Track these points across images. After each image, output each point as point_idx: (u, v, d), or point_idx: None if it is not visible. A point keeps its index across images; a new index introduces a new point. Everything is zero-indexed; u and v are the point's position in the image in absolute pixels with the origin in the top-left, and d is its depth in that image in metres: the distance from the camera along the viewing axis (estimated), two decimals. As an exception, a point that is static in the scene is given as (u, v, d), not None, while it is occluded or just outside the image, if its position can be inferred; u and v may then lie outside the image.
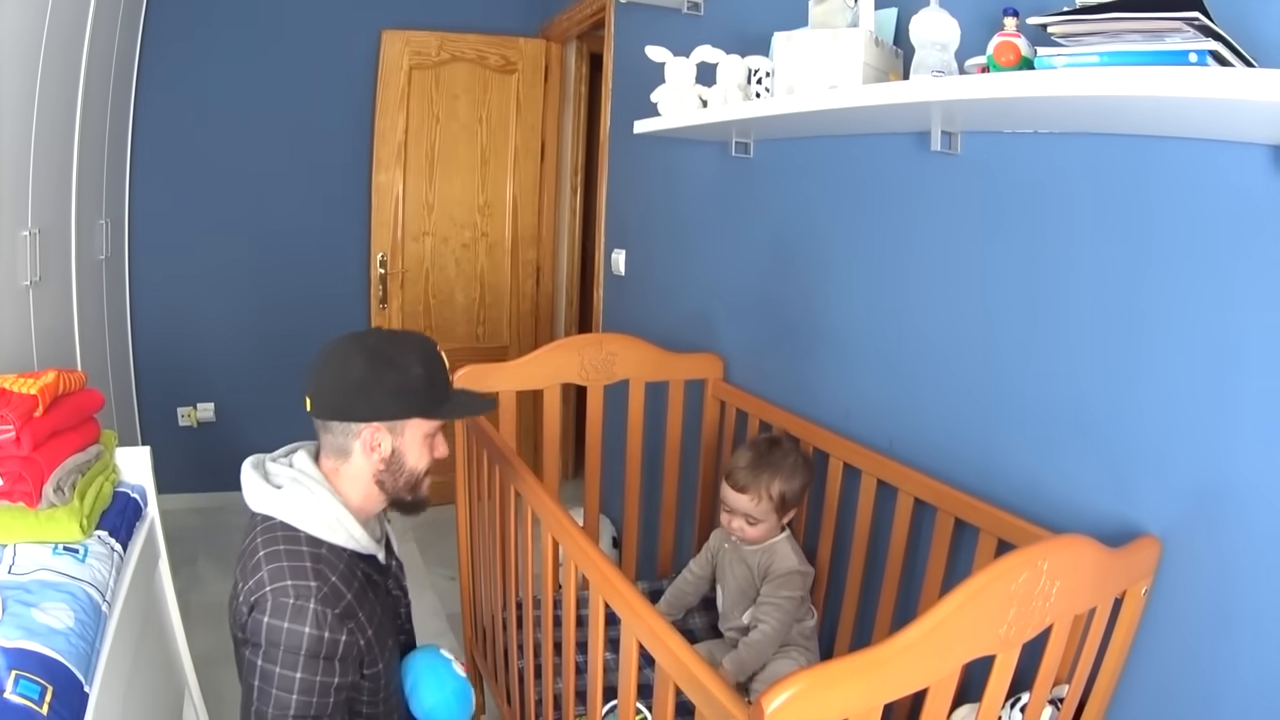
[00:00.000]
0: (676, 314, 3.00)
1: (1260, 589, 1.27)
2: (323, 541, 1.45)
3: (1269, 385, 1.24)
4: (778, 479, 1.99)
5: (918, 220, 1.91)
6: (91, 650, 1.45)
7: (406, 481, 1.57)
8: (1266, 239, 1.23)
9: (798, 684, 0.90)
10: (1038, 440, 1.63)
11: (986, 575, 1.04)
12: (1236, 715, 1.30)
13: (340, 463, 1.53)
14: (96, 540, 1.73)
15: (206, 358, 3.98)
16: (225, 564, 3.52)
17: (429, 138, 4.01)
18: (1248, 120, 1.14)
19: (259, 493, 1.48)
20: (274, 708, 1.35)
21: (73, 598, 1.51)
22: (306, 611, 1.35)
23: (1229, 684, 1.31)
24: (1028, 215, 1.63)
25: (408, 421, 1.52)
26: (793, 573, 1.99)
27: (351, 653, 1.42)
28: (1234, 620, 1.30)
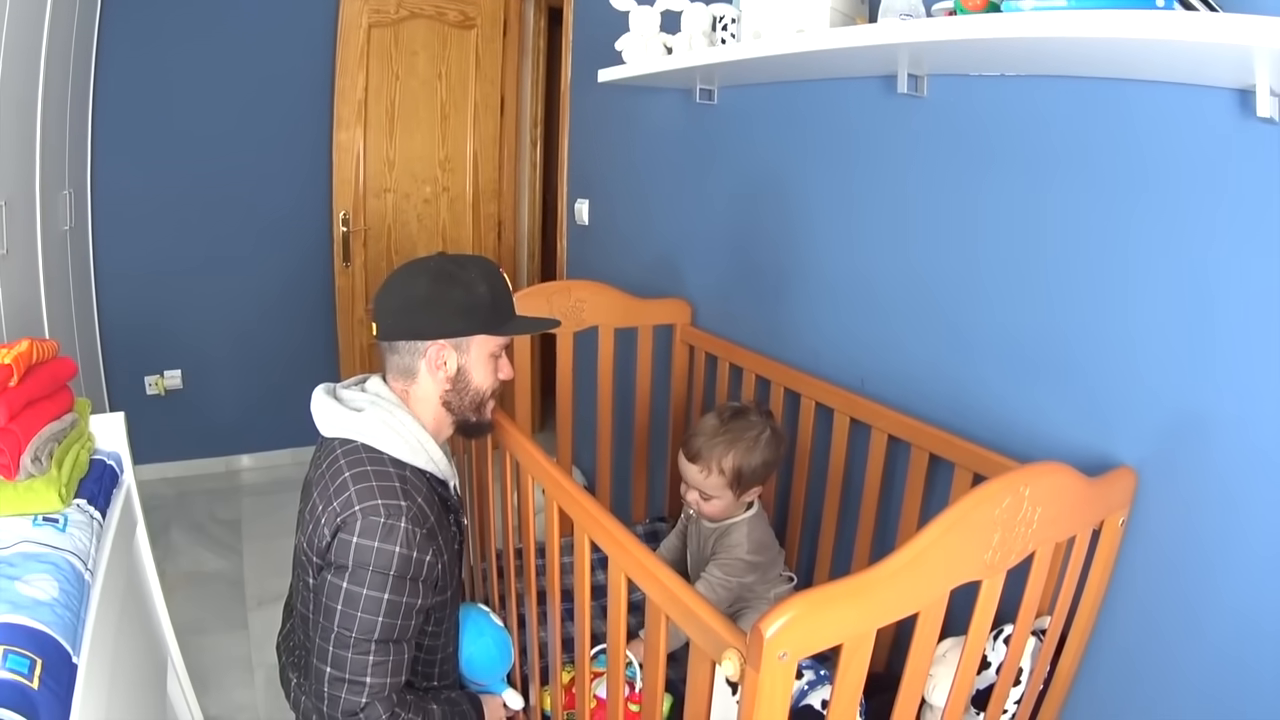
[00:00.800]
0: (642, 261, 3.02)
1: (1235, 515, 1.32)
2: (406, 464, 1.48)
3: (1241, 319, 1.28)
4: (733, 452, 1.84)
5: (885, 162, 1.94)
6: (77, 620, 1.43)
7: (472, 401, 1.61)
8: (1235, 179, 1.26)
9: (794, 608, 0.92)
10: (1011, 376, 1.67)
11: (971, 500, 1.08)
12: (1220, 639, 1.36)
13: (408, 384, 1.57)
14: (76, 509, 1.70)
15: (171, 325, 3.93)
16: (199, 533, 3.53)
17: (389, 95, 3.97)
18: (1214, 64, 1.17)
19: (336, 416, 1.52)
20: (357, 630, 1.37)
21: (55, 568, 1.48)
22: (397, 531, 1.38)
23: (1210, 608, 1.37)
24: (996, 156, 1.66)
25: (473, 339, 1.56)
26: (736, 561, 1.88)
27: (433, 575, 1.45)
28: (1212, 546, 1.35)
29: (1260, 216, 1.24)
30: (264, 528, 3.64)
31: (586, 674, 1.60)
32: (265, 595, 3.11)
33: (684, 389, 2.69)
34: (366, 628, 1.37)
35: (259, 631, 2.89)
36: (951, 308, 1.81)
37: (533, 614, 1.81)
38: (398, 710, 1.41)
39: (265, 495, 4.00)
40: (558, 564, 1.63)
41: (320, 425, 1.54)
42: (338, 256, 4.01)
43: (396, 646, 1.41)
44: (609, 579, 1.36)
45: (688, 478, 1.91)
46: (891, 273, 1.96)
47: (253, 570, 3.30)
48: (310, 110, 3.92)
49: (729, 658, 1.00)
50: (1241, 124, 1.24)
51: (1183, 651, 1.42)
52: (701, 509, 1.93)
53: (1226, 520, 1.33)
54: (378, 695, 1.38)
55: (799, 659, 0.95)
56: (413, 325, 1.53)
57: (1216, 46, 1.06)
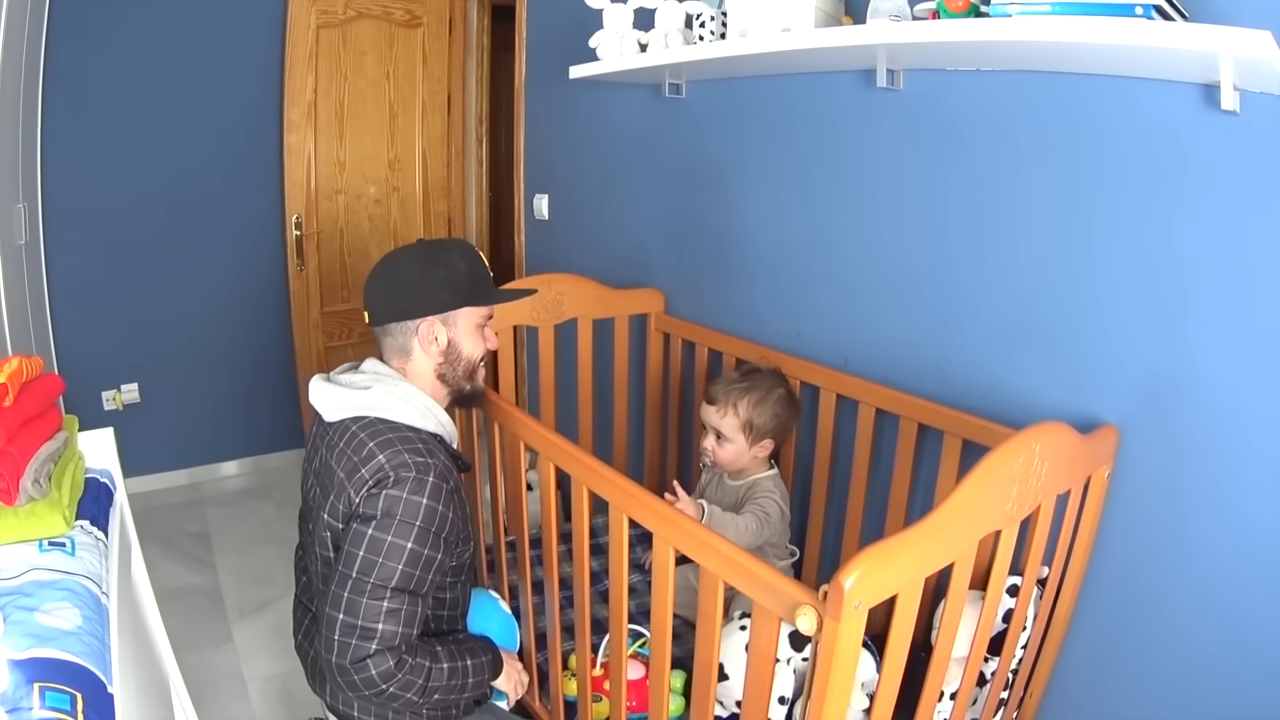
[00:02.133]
0: (609, 253, 3.09)
1: (1209, 467, 1.47)
2: (419, 429, 1.57)
3: (1211, 288, 1.43)
4: (748, 398, 2.03)
5: (861, 151, 2.05)
6: (104, 647, 1.37)
7: (465, 370, 1.71)
8: (1202, 162, 1.41)
9: (866, 560, 1.03)
10: (994, 347, 1.80)
11: (997, 456, 1.21)
12: (1198, 581, 1.51)
13: (404, 363, 1.67)
14: (80, 530, 1.64)
15: (127, 337, 3.88)
16: (168, 548, 3.48)
17: (338, 96, 3.96)
18: (1184, 64, 1.32)
19: (343, 398, 1.59)
20: (376, 575, 1.41)
21: (73, 594, 1.42)
22: (426, 484, 1.46)
23: (1189, 553, 1.52)
24: (974, 144, 1.78)
25: (459, 311, 1.66)
26: (772, 507, 2.03)
27: (455, 532, 1.53)
28: (1188, 496, 1.51)
29: (1227, 195, 1.39)
30: (234, 539, 3.63)
31: (623, 654, 1.66)
32: (246, 607, 3.11)
33: (659, 376, 2.78)
34: (386, 574, 1.41)
35: (245, 644, 2.89)
36: (932, 285, 1.93)
37: (554, 597, 1.88)
38: (405, 657, 1.44)
39: (231, 505, 3.98)
40: (586, 548, 1.70)
41: (325, 411, 1.60)
42: (291, 260, 3.99)
43: (411, 598, 1.45)
44: (655, 555, 1.44)
45: (707, 419, 2.10)
46: (871, 254, 2.07)
47: (229, 582, 3.28)
48: (260, 114, 3.89)
49: (804, 614, 1.08)
50: (1207, 115, 1.38)
51: (1163, 593, 1.57)
52: (717, 454, 2.09)
53: (1201, 471, 1.48)
54: (388, 644, 1.41)
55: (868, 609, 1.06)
56: (403, 306, 1.63)
57: (1189, 51, 1.20)
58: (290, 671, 2.70)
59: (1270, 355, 1.37)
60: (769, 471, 2.14)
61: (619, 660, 1.65)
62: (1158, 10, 1.23)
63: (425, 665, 1.48)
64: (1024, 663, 1.64)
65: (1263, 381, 1.38)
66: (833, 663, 1.06)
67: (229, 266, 4.05)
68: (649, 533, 1.45)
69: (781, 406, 2.08)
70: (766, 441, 2.09)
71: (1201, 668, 1.52)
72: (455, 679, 1.55)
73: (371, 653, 1.41)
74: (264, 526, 3.77)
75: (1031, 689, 1.73)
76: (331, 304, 4.19)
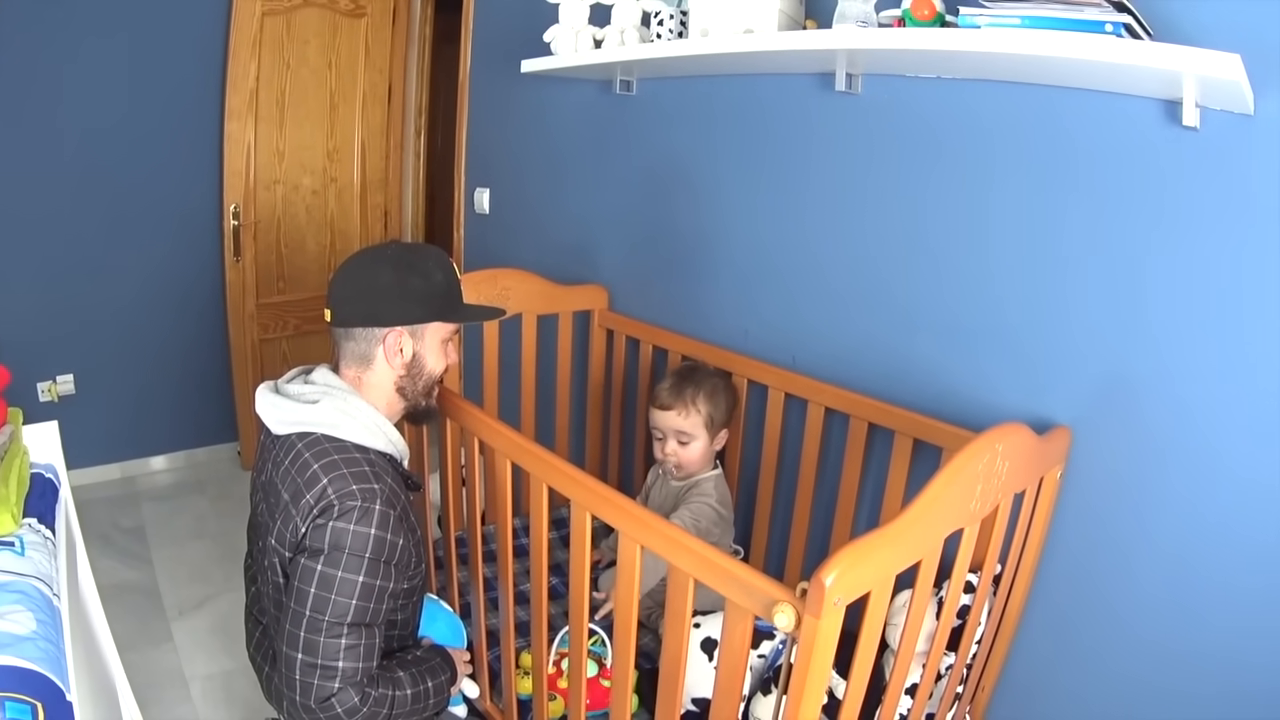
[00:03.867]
0: (551, 249, 3.07)
1: (1162, 464, 1.52)
2: (367, 448, 1.51)
3: (1165, 292, 1.48)
4: (703, 392, 2.06)
5: (815, 153, 2.07)
6: (59, 652, 1.34)
7: (425, 385, 1.65)
8: (1161, 174, 1.47)
9: (845, 558, 1.05)
10: (946, 348, 1.84)
11: (964, 456, 1.24)
12: (1148, 575, 1.57)
13: (363, 371, 1.59)
14: (28, 529, 1.59)
15: (62, 328, 3.76)
16: (106, 544, 3.40)
17: (280, 84, 3.88)
18: (1147, 80, 1.37)
19: (290, 411, 1.52)
20: (330, 613, 1.38)
21: (25, 596, 1.38)
22: (373, 513, 1.41)
23: (1139, 547, 1.58)
24: (930, 150, 1.82)
25: (428, 326, 1.60)
26: (706, 507, 2.04)
27: (405, 558, 1.48)
28: (1140, 492, 1.56)
29: (1183, 205, 1.45)
30: (170, 534, 3.55)
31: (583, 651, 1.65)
32: (185, 604, 3.04)
33: (602, 373, 2.78)
34: (340, 611, 1.38)
35: (185, 643, 2.83)
36: (882, 286, 1.96)
37: (508, 594, 1.86)
38: (368, 690, 1.42)
39: (165, 500, 3.89)
40: (545, 546, 1.69)
41: (272, 424, 1.54)
42: (228, 251, 3.90)
43: (368, 630, 1.42)
44: (620, 552, 1.43)
45: (665, 425, 2.09)
46: (821, 254, 2.10)
47: (167, 580, 3.21)
48: (201, 101, 3.81)
49: (782, 611, 1.09)
50: (1168, 129, 1.44)
51: (1113, 587, 1.63)
52: (680, 457, 2.09)
53: (1152, 468, 1.54)
54: (350, 680, 1.39)
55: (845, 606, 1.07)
56: (374, 312, 1.56)
57: (1155, 69, 1.25)
58: (232, 671, 2.67)
59: (1220, 357, 1.43)
60: (712, 471, 2.15)
61: (579, 658, 1.64)
62: (1126, 29, 1.28)
63: (389, 694, 1.46)
64: (977, 657, 1.68)
65: (1213, 383, 1.44)
66: (811, 659, 1.07)
67: (166, 256, 3.95)
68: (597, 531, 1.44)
69: (728, 394, 2.14)
70: (723, 433, 2.13)
71: (1150, 657, 1.58)
72: (419, 702, 1.54)
73: (335, 691, 1.39)
74: (199, 521, 3.70)
75: (983, 682, 1.78)
76: (267, 295, 4.11)
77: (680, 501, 2.12)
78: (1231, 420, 1.43)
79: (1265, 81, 1.29)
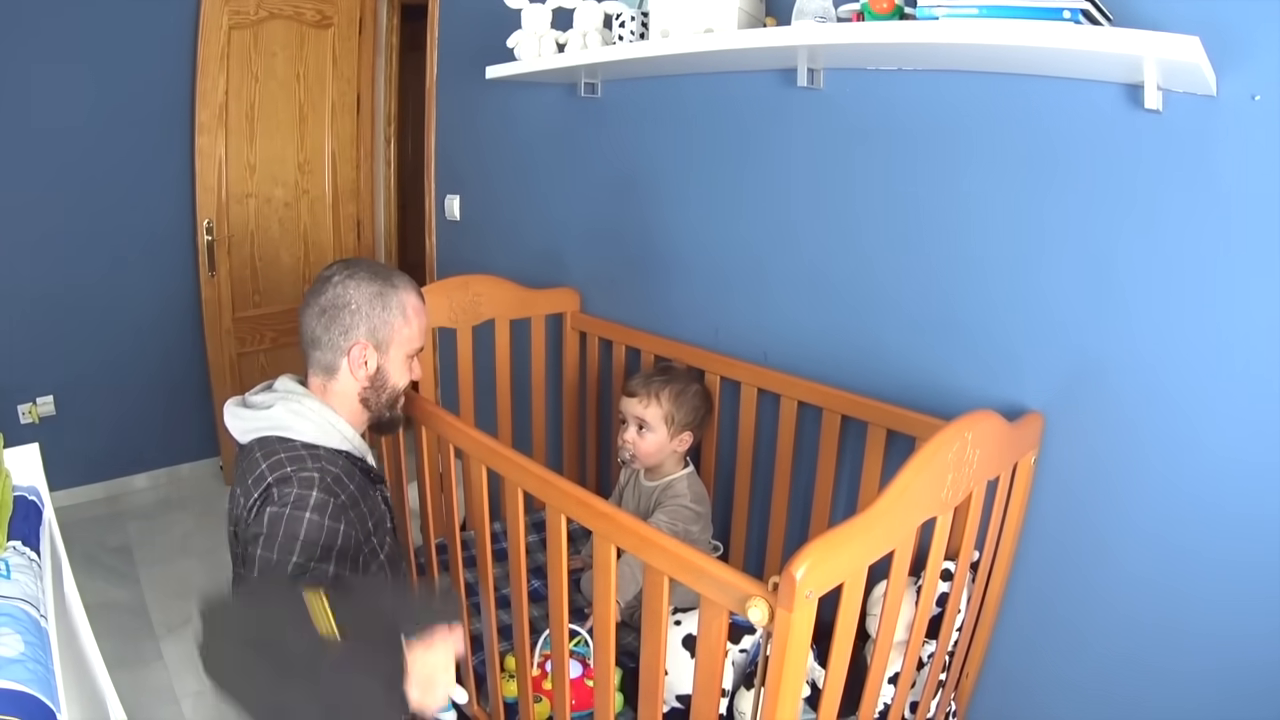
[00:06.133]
0: (522, 253, 3.07)
1: (1137, 444, 1.54)
2: (318, 445, 1.54)
3: (1132, 274, 1.50)
4: (669, 389, 2.12)
5: (779, 149, 2.08)
6: (49, 673, 1.34)
7: (389, 398, 1.69)
8: (1125, 157, 1.48)
9: (815, 550, 1.05)
10: (916, 338, 1.85)
11: (933, 445, 1.25)
12: (1127, 556, 1.59)
13: (328, 380, 1.64)
14: (13, 552, 1.61)
15: (40, 349, 3.74)
16: (92, 564, 3.39)
17: (249, 97, 3.87)
18: (1109, 65, 1.38)
19: (248, 419, 1.56)
20: None
21: (13, 619, 1.39)
22: (308, 499, 1.42)
23: (1117, 529, 1.59)
24: (893, 141, 1.83)
25: (393, 340, 1.65)
26: (681, 508, 2.08)
27: (349, 545, 1.47)
28: (1116, 473, 1.58)
29: (1148, 188, 1.46)
30: (156, 552, 3.54)
31: (565, 652, 1.66)
32: (173, 621, 3.02)
33: (576, 375, 2.78)
34: None
35: (175, 659, 2.82)
36: (850, 279, 1.97)
37: (489, 599, 1.87)
38: None
39: (150, 518, 3.88)
40: (524, 546, 1.69)
41: (237, 434, 1.58)
42: (203, 266, 3.88)
43: None
44: (596, 553, 1.44)
45: (629, 410, 2.15)
46: (789, 251, 2.10)
47: (154, 597, 3.19)
48: (171, 116, 3.79)
49: (755, 605, 1.10)
50: (1130, 113, 1.45)
51: (1092, 569, 1.64)
52: (638, 446, 2.14)
53: (1127, 450, 1.56)
54: None
55: (817, 598, 1.08)
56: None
57: (1115, 55, 1.26)
58: (222, 687, 2.65)
59: (1192, 337, 1.44)
60: (684, 471, 2.19)
61: (561, 660, 1.64)
62: (1084, 14, 1.29)
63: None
64: (960, 644, 1.70)
65: (1185, 363, 1.46)
66: (786, 652, 1.08)
67: (141, 273, 3.94)
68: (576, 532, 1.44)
69: (700, 400, 2.17)
70: (686, 435, 2.15)
71: (1133, 636, 1.60)
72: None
73: None
74: (184, 539, 3.68)
75: (967, 669, 1.79)
76: (243, 310, 4.10)
77: (654, 503, 2.14)
78: (1204, 398, 1.45)
79: (1225, 62, 1.31)
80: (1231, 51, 1.30)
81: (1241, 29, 1.30)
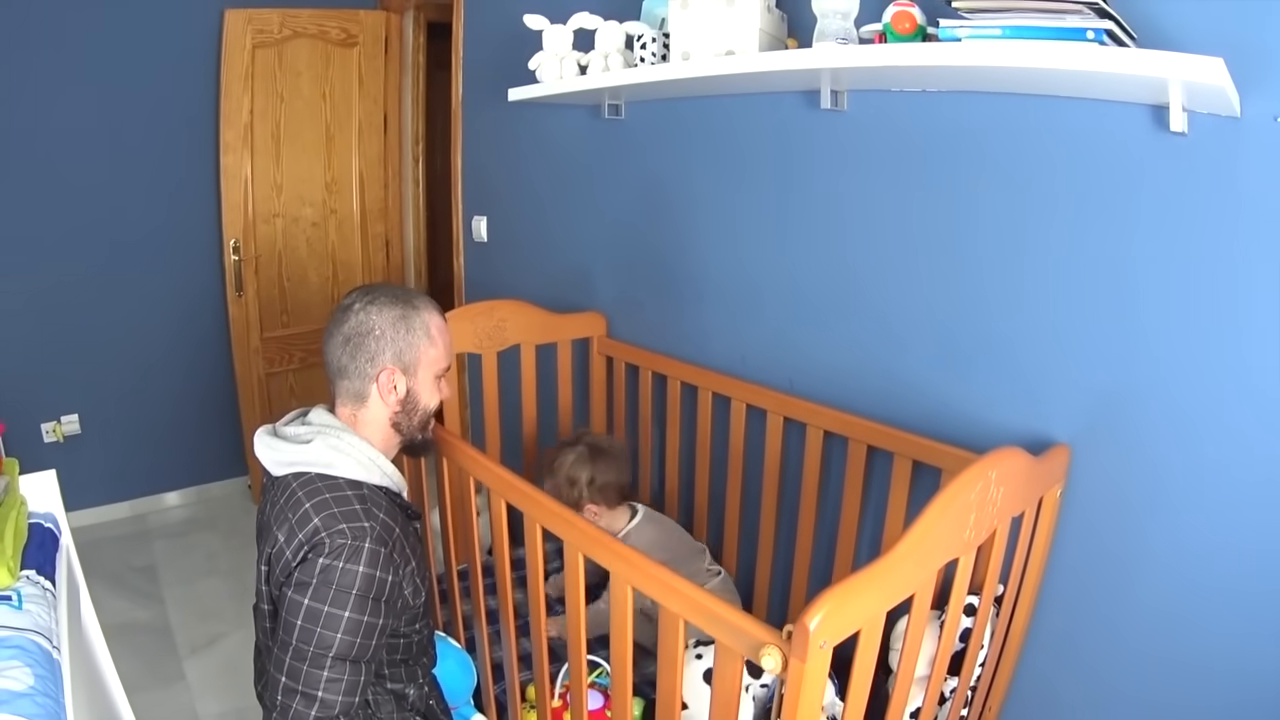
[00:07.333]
0: (549, 276, 3.05)
1: (1164, 477, 1.49)
2: (362, 483, 1.51)
3: (1159, 304, 1.45)
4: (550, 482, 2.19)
5: (805, 173, 2.05)
6: (58, 706, 1.34)
7: (420, 420, 1.66)
8: (1150, 181, 1.44)
9: (830, 600, 1.02)
10: (943, 366, 1.81)
11: (954, 488, 1.20)
12: (1152, 591, 1.54)
13: (358, 409, 1.61)
14: (26, 581, 1.60)
15: (65, 368, 3.77)
16: (115, 584, 3.39)
17: (274, 117, 3.88)
18: (1133, 87, 1.34)
19: (285, 453, 1.53)
20: (315, 644, 1.37)
21: (23, 651, 1.38)
22: (362, 551, 1.40)
23: (1142, 563, 1.54)
24: (917, 164, 1.79)
25: (420, 362, 1.62)
26: None
27: (397, 595, 1.47)
28: (1142, 507, 1.53)
29: (1174, 213, 1.42)
30: (181, 572, 3.54)
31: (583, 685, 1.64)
32: (197, 642, 3.03)
33: (603, 400, 2.76)
34: (325, 643, 1.37)
35: (197, 681, 2.81)
36: (877, 306, 1.93)
37: (510, 628, 1.86)
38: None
39: (177, 537, 3.88)
40: (541, 583, 1.68)
41: (270, 466, 1.55)
42: (230, 286, 3.90)
43: (354, 666, 1.40)
44: (612, 592, 1.42)
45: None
46: (815, 276, 2.07)
47: (179, 617, 3.19)
48: (196, 136, 3.82)
49: (769, 653, 1.07)
50: (1156, 136, 1.41)
51: (1117, 603, 1.59)
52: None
53: (1154, 483, 1.51)
54: (328, 713, 1.38)
55: (832, 647, 1.04)
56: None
57: (1140, 76, 1.21)
58: (244, 708, 2.64)
59: (1218, 365, 1.40)
60: (631, 525, 2.23)
61: (579, 692, 1.62)
62: (1109, 35, 1.24)
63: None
64: (982, 679, 1.65)
65: (1211, 393, 1.41)
66: (799, 701, 1.04)
67: (167, 292, 3.96)
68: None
69: (581, 465, 2.21)
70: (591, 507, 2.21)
71: (1156, 672, 1.55)
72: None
73: (311, 719, 1.37)
74: (210, 559, 3.68)
75: (990, 704, 1.74)
76: (271, 329, 4.11)
77: None
78: (1230, 429, 1.40)
79: (1250, 83, 1.26)
80: (1255, 72, 1.26)
81: (1265, 50, 1.26)
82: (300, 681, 1.37)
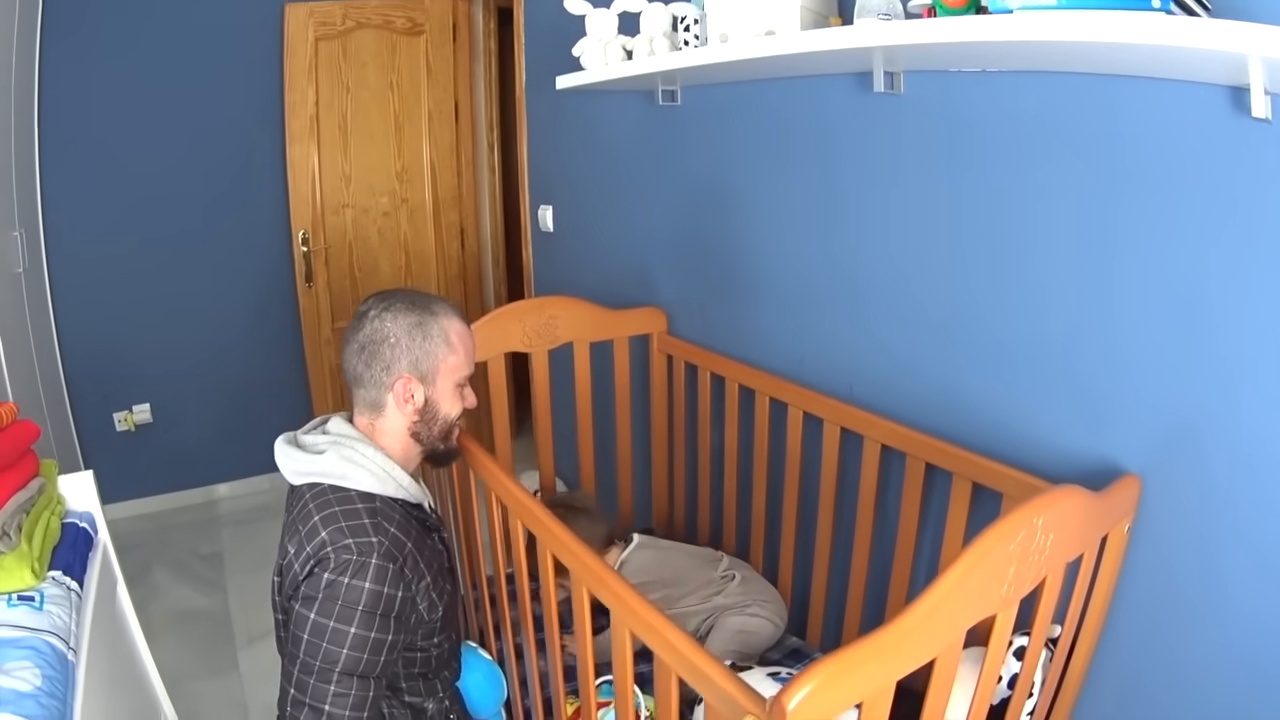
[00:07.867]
0: (612, 268, 2.95)
1: (1239, 513, 1.29)
2: (375, 495, 1.48)
3: (1237, 318, 1.25)
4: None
5: (862, 161, 1.88)
6: (64, 706, 1.37)
7: (441, 430, 1.62)
8: (1228, 177, 1.23)
9: (814, 678, 0.88)
10: (1007, 379, 1.63)
11: (987, 540, 1.03)
12: (1224, 636, 1.34)
13: (375, 418, 1.58)
14: (51, 582, 1.64)
15: (136, 358, 3.85)
16: (181, 571, 3.44)
17: (340, 108, 3.88)
18: (1208, 65, 1.13)
19: (300, 462, 1.51)
20: (322, 659, 1.35)
21: (36, 652, 1.42)
22: (368, 567, 1.37)
23: (1215, 606, 1.35)
24: (980, 153, 1.61)
25: (439, 370, 1.57)
26: None
27: (407, 610, 1.45)
28: (1216, 546, 1.33)
29: (1255, 216, 1.21)
30: (246, 560, 3.56)
31: (593, 704, 1.57)
32: (254, 632, 3.02)
33: (664, 399, 2.62)
34: (331, 658, 1.35)
35: (250, 671, 2.82)
36: (938, 310, 1.76)
37: (530, 642, 1.80)
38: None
39: (245, 525, 3.92)
40: (554, 592, 1.61)
41: (287, 474, 1.53)
42: (299, 277, 3.92)
43: (362, 681, 1.38)
44: (613, 637, 1.34)
45: None
46: (875, 274, 1.90)
47: (239, 606, 3.21)
48: (262, 129, 3.85)
49: (750, 723, 0.94)
50: (1235, 122, 1.20)
51: (1187, 651, 1.40)
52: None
53: (1232, 518, 1.31)
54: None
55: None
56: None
57: (1213, 51, 1.02)
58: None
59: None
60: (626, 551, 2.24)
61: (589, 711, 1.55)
62: (1178, 3, 1.05)
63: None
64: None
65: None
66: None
67: (238, 283, 4.02)
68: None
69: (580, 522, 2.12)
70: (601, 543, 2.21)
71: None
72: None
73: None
74: (275, 549, 3.67)
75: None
76: (342, 320, 4.10)
77: None
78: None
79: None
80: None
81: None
82: (308, 694, 1.36)
